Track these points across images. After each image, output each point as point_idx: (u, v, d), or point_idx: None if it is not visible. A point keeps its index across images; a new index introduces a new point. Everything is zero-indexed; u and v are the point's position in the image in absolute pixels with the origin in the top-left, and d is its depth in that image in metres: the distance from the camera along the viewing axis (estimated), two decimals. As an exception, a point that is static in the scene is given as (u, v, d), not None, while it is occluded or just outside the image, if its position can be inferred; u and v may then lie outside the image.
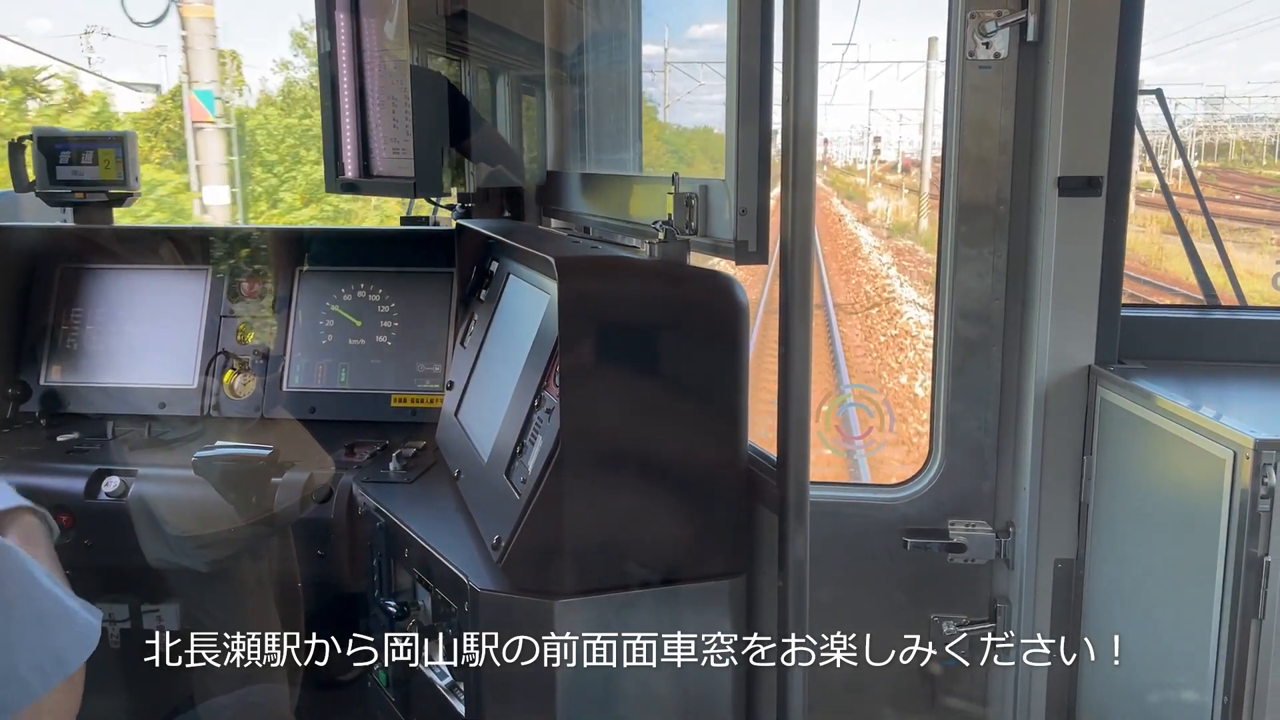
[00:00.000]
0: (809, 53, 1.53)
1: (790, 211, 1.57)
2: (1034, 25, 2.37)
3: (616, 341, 1.69)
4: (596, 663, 1.71)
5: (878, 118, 41.84)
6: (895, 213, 25.67)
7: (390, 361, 2.57)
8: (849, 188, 34.13)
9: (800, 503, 1.63)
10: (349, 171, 2.49)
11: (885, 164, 38.31)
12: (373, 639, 2.14)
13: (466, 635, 1.73)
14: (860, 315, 14.03)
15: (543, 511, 1.68)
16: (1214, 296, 2.61)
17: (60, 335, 2.68)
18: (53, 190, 2.75)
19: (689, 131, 2.49)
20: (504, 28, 2.67)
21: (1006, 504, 2.58)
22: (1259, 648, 1.79)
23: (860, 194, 32.31)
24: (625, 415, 1.69)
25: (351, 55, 2.42)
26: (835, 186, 33.89)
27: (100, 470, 2.29)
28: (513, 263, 2.27)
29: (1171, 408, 2.02)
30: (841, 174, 38.14)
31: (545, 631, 1.66)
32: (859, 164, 39.10)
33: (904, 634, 2.70)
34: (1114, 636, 2.27)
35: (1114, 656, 2.26)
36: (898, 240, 20.74)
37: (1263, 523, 1.76)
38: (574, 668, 1.69)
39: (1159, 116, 2.75)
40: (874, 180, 34.81)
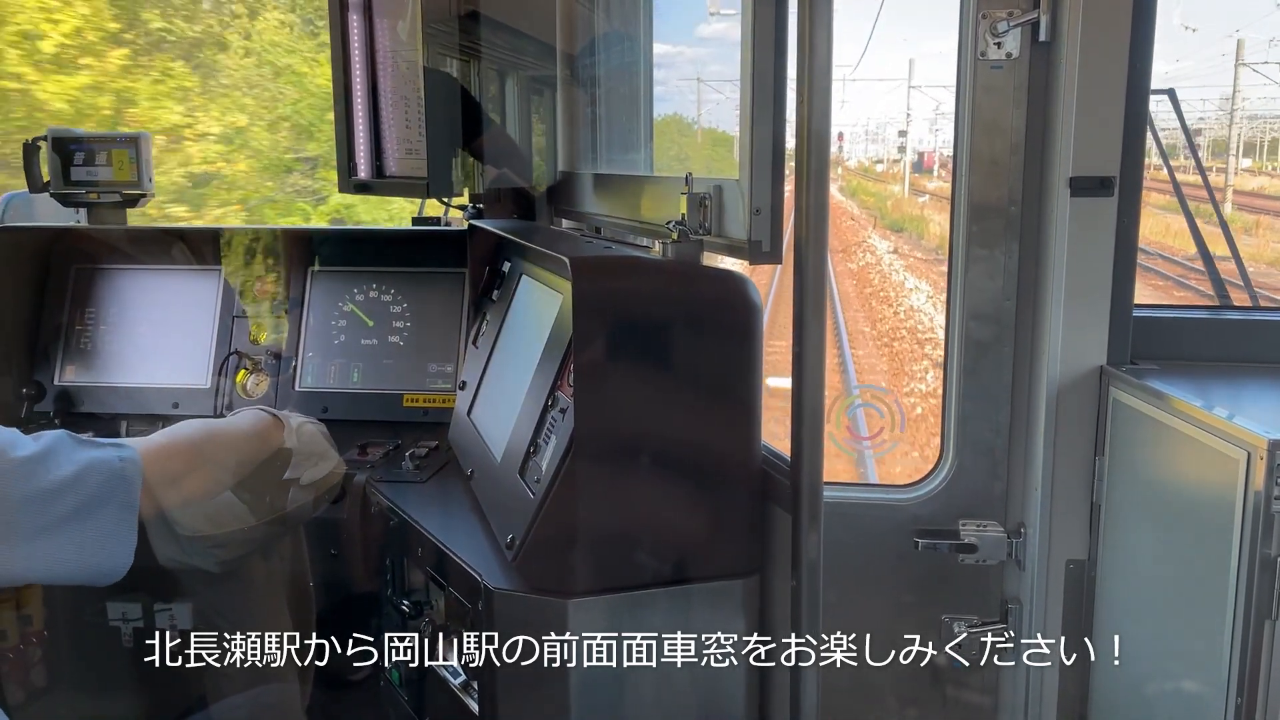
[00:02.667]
0: (823, 52, 1.53)
1: (804, 210, 1.57)
2: (1046, 25, 2.37)
3: (631, 341, 1.70)
4: (610, 662, 1.72)
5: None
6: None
7: (402, 361, 2.58)
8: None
9: (814, 502, 1.63)
10: (362, 172, 2.50)
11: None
12: (386, 638, 2.15)
13: (480, 634, 1.74)
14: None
15: (557, 511, 1.68)
16: (1226, 296, 2.61)
17: (74, 335, 2.69)
18: (67, 191, 2.77)
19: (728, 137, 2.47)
20: (515, 28, 2.68)
21: (1018, 504, 2.58)
22: (1273, 648, 1.79)
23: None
24: (639, 415, 1.70)
25: (365, 56, 2.42)
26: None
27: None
28: (525, 263, 2.28)
29: (1184, 408, 2.02)
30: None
31: (559, 630, 1.67)
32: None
33: (915, 635, 2.71)
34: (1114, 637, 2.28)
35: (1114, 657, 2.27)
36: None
37: (1277, 523, 1.75)
38: (588, 667, 1.70)
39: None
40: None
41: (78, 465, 1.49)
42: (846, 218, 25.20)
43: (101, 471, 1.52)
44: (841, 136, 38.43)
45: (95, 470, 1.51)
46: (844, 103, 33.33)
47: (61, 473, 1.48)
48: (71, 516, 1.47)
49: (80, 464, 1.50)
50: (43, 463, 1.48)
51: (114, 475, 1.53)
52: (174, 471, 1.68)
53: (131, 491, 1.54)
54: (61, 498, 1.47)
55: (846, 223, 24.28)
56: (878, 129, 40.71)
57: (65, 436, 1.53)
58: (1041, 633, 2.49)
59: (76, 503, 1.48)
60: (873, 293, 15.99)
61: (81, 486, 1.49)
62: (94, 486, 1.50)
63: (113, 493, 1.52)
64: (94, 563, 1.50)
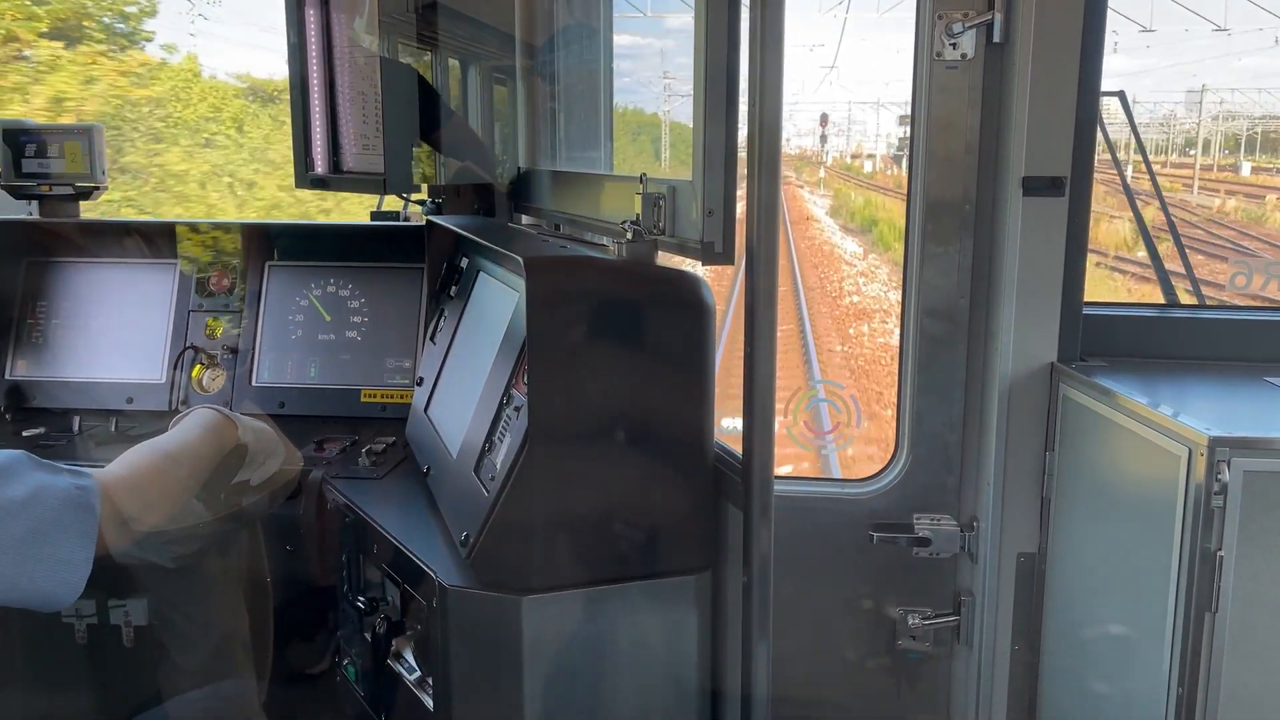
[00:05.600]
0: (774, 50, 1.55)
1: (756, 210, 1.58)
2: (1000, 27, 2.40)
3: (584, 340, 1.71)
4: (564, 658, 1.73)
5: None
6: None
7: (360, 357, 2.57)
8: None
9: (765, 499, 1.65)
10: (319, 168, 2.48)
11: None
12: (342, 634, 2.15)
13: (435, 631, 1.75)
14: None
15: (511, 508, 1.69)
16: (1173, 295, 2.66)
17: (26, 329, 2.65)
18: (18, 184, 2.73)
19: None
20: (475, 19, 2.67)
21: (970, 499, 2.63)
22: (1212, 640, 1.83)
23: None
24: (593, 413, 1.71)
25: (321, 49, 2.41)
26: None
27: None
28: (482, 260, 2.28)
29: (1131, 405, 2.06)
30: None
31: (514, 627, 1.68)
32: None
33: (869, 627, 2.75)
34: (1062, 629, 2.32)
35: (1062, 648, 2.31)
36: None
37: (1216, 518, 1.80)
38: (542, 663, 1.71)
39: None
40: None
41: (30, 488, 1.45)
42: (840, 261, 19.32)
43: (56, 497, 1.47)
44: (825, 120, 36.23)
45: (49, 495, 1.47)
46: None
47: (13, 493, 1.43)
48: (26, 540, 1.43)
49: (33, 487, 1.45)
50: None
51: (69, 502, 1.48)
52: (139, 504, 1.63)
53: (89, 520, 1.49)
54: (13, 519, 1.42)
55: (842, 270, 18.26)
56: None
57: (24, 456, 1.49)
58: (993, 624, 2.54)
59: (30, 526, 1.43)
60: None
61: (34, 510, 1.44)
62: (48, 511, 1.45)
63: (68, 521, 1.47)
64: (45, 588, 1.45)
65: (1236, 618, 1.81)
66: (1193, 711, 1.86)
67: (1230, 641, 1.82)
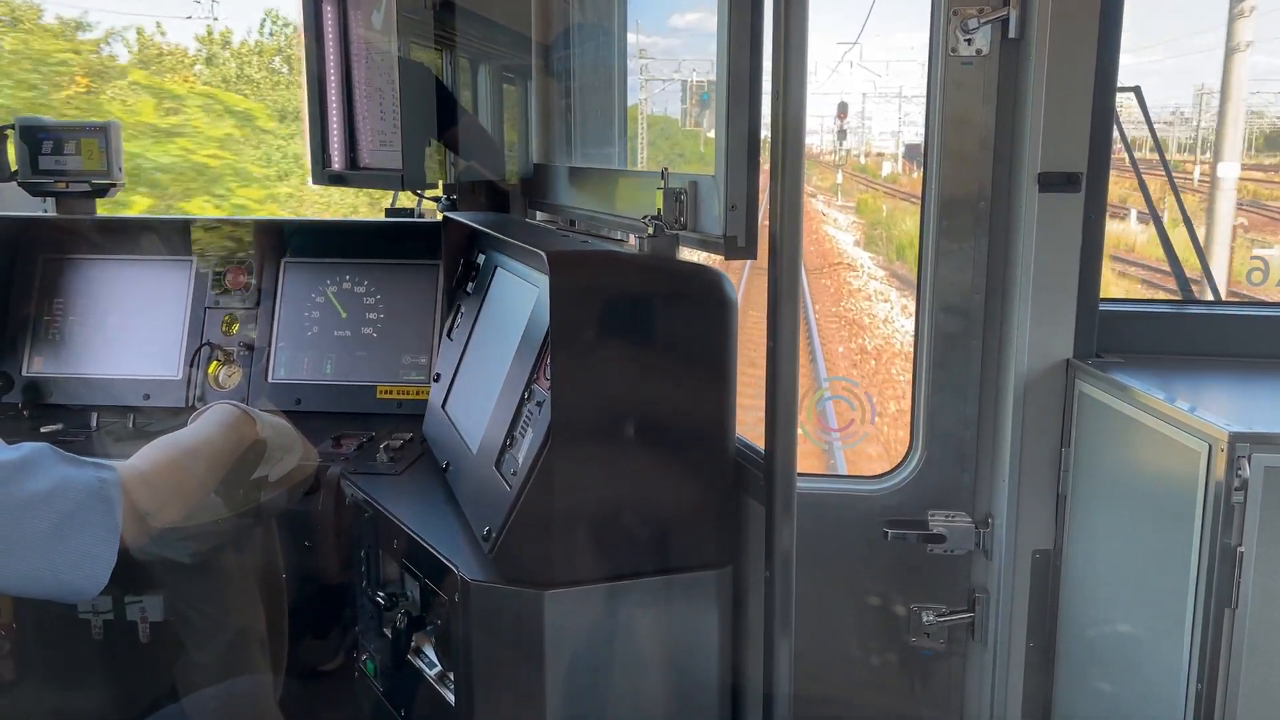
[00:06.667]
0: (798, 48, 1.55)
1: (779, 205, 1.59)
2: (1015, 22, 2.40)
3: (607, 335, 1.71)
4: (586, 652, 1.73)
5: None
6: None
7: (376, 353, 2.58)
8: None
9: (787, 494, 1.65)
10: (335, 164, 2.49)
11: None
12: (360, 630, 2.16)
13: (457, 626, 1.75)
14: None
15: (533, 503, 1.69)
16: (1189, 291, 2.65)
17: (43, 326, 2.66)
18: (35, 180, 2.73)
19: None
20: (490, 18, 2.67)
21: (985, 496, 2.62)
22: (1232, 637, 1.83)
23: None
24: (615, 407, 1.71)
25: (339, 47, 2.41)
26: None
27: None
28: (500, 255, 2.28)
29: (1148, 401, 2.06)
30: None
31: (536, 621, 1.68)
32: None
33: (882, 624, 2.75)
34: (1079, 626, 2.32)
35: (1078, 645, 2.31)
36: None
37: (1236, 514, 1.79)
38: (563, 657, 1.71)
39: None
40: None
41: (53, 481, 1.46)
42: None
43: (80, 490, 1.48)
44: (844, 111, 30.51)
45: (72, 488, 1.47)
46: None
47: (37, 486, 1.44)
48: (50, 534, 1.44)
49: (56, 480, 1.46)
50: (20, 472, 1.44)
51: (92, 495, 1.49)
52: (158, 499, 1.64)
53: (112, 513, 1.50)
54: (37, 512, 1.43)
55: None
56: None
57: (47, 449, 1.50)
58: (1008, 621, 2.53)
59: (54, 520, 1.44)
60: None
61: (57, 503, 1.45)
62: (71, 505, 1.46)
63: (92, 513, 1.48)
64: (68, 580, 1.46)
65: (1257, 614, 1.81)
66: (1212, 708, 1.85)
67: (1250, 638, 1.82)
